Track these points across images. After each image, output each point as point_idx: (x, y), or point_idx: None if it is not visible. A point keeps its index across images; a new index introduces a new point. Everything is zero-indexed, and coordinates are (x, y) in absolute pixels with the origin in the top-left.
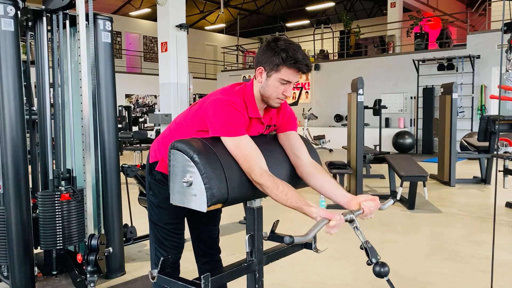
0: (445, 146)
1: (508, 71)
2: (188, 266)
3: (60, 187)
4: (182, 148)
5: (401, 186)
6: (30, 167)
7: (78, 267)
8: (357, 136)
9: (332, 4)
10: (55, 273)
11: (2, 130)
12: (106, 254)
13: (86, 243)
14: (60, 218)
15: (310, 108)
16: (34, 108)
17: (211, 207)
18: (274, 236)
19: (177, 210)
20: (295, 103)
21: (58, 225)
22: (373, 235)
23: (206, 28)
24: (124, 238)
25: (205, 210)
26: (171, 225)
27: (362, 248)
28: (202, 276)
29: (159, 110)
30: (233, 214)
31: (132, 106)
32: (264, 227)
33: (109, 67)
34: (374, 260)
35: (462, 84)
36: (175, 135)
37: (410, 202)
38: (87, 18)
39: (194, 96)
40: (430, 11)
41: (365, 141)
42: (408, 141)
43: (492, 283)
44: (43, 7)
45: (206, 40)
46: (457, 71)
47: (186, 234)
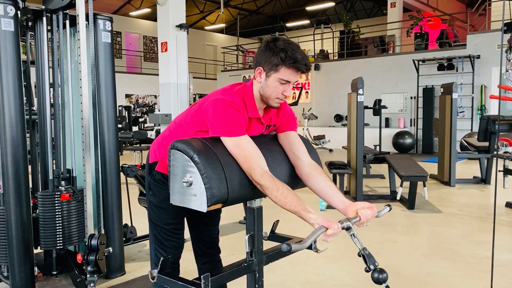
0: (445, 146)
1: (508, 71)
2: (188, 266)
3: (60, 187)
4: (182, 148)
5: (401, 186)
6: (30, 167)
7: (78, 267)
8: (357, 136)
9: (332, 4)
10: (55, 273)
11: (2, 130)
12: (106, 254)
13: (86, 243)
14: (60, 218)
15: (310, 108)
16: (34, 108)
17: (211, 207)
18: (274, 236)
19: (177, 210)
20: (295, 103)
21: (58, 225)
22: (373, 235)
23: (206, 28)
24: (124, 238)
25: (205, 210)
26: (171, 225)
27: (359, 255)
28: (202, 276)
29: (159, 110)
30: (233, 214)
31: (132, 106)
32: (264, 227)
33: (109, 67)
34: (372, 266)
35: (462, 84)
36: (175, 135)
37: (410, 202)
38: (87, 18)
39: (194, 96)
40: (430, 11)
41: (365, 141)
42: (408, 141)
43: (492, 283)
44: (43, 7)
45: (206, 40)
46: (457, 71)
47: (186, 234)
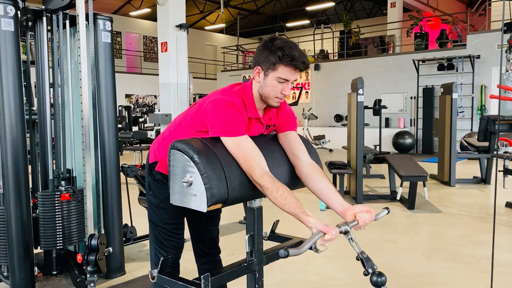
0: (445, 146)
1: (508, 71)
2: (188, 266)
3: (60, 187)
4: (182, 148)
5: (401, 186)
6: (30, 167)
7: (78, 267)
8: (357, 136)
9: (332, 4)
10: (55, 273)
11: (2, 130)
12: (106, 254)
13: (86, 243)
14: (60, 218)
15: (310, 108)
16: (34, 108)
17: (211, 207)
18: (274, 236)
19: (177, 210)
20: (295, 103)
21: (58, 225)
22: (373, 235)
23: (206, 28)
24: (124, 238)
25: (205, 210)
26: (171, 225)
27: (358, 259)
28: (202, 276)
29: (159, 110)
30: (233, 214)
31: (132, 106)
32: (264, 227)
33: (109, 67)
34: (370, 270)
35: (462, 84)
36: (175, 136)
37: (410, 202)
38: (87, 18)
39: (194, 96)
40: (430, 11)
41: (365, 141)
42: (408, 141)
43: (492, 283)
44: (43, 7)
45: (206, 40)
46: (457, 71)
47: (186, 234)
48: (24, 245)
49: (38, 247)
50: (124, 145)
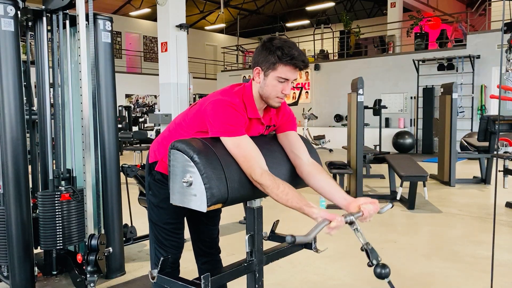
0: (445, 146)
1: (508, 71)
2: (188, 266)
3: (60, 187)
4: (182, 148)
5: (401, 186)
6: (30, 167)
7: (78, 267)
8: (357, 136)
9: (332, 4)
10: (55, 273)
11: (2, 130)
12: (106, 254)
13: (86, 243)
14: (60, 218)
15: (310, 108)
16: (34, 108)
17: (211, 207)
18: (274, 236)
19: (176, 210)
20: (295, 103)
21: (58, 225)
22: (373, 235)
23: (206, 28)
24: (124, 238)
25: (205, 210)
26: (171, 225)
27: (362, 249)
28: (202, 276)
29: (159, 110)
30: (233, 214)
31: (132, 106)
32: (264, 227)
33: (109, 67)
34: (374, 261)
35: (462, 84)
36: (175, 136)
37: (410, 202)
38: (87, 18)
39: (194, 96)
40: (430, 11)
41: (365, 141)
42: (408, 141)
43: (492, 283)
44: (43, 7)
45: (206, 40)
46: (457, 71)
47: (186, 234)
48: (24, 245)
49: (38, 247)
50: (124, 145)
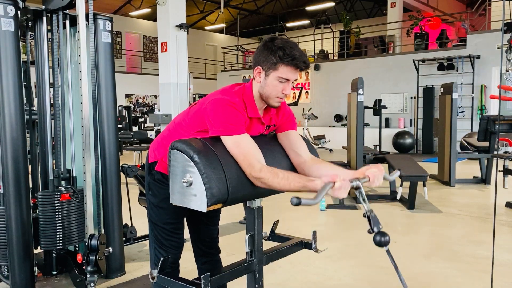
0: (445, 146)
1: (508, 71)
2: (188, 266)
3: (60, 187)
4: (182, 148)
5: (401, 186)
6: (30, 167)
7: (78, 267)
8: (357, 136)
9: (332, 4)
10: (55, 273)
11: (2, 130)
12: (106, 254)
13: (86, 243)
14: (60, 218)
15: (310, 108)
16: (34, 108)
17: (211, 207)
18: (274, 236)
19: (176, 210)
20: (295, 103)
21: (58, 225)
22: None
23: (206, 28)
24: (124, 238)
25: (205, 210)
26: (171, 225)
27: (365, 216)
28: (202, 276)
29: (159, 110)
30: (233, 214)
31: (132, 106)
32: (264, 227)
33: (109, 67)
34: (376, 229)
35: (462, 84)
36: (175, 135)
37: (410, 202)
38: (87, 18)
39: (194, 96)
40: (430, 11)
41: (365, 141)
42: (408, 141)
43: (492, 283)
44: (43, 7)
45: (206, 40)
46: (457, 71)
47: (186, 234)
48: (24, 245)
49: (38, 247)
50: (124, 145)
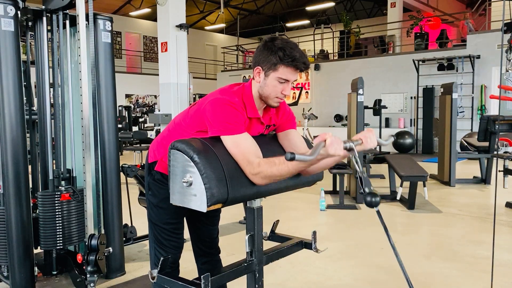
0: (445, 146)
1: (508, 71)
2: (188, 266)
3: (60, 187)
4: (182, 148)
5: (401, 186)
6: (30, 167)
7: (78, 267)
8: None
9: (332, 4)
10: (55, 273)
11: (2, 130)
12: (106, 254)
13: (86, 243)
14: (60, 218)
15: (310, 108)
16: (34, 108)
17: (211, 207)
18: (274, 236)
19: (176, 210)
20: (295, 103)
21: (58, 225)
22: (373, 235)
23: (206, 28)
24: (124, 238)
25: (205, 210)
26: (171, 225)
27: (356, 177)
28: (202, 276)
29: (159, 110)
30: (233, 214)
31: (132, 106)
32: (264, 227)
33: (109, 67)
34: (367, 189)
35: (462, 84)
36: (174, 135)
37: (410, 202)
38: (87, 18)
39: (194, 96)
40: (430, 11)
41: None
42: (408, 141)
43: (492, 283)
44: (43, 7)
45: (206, 40)
46: (457, 71)
47: (186, 234)
48: (24, 245)
49: (38, 247)
50: (124, 145)
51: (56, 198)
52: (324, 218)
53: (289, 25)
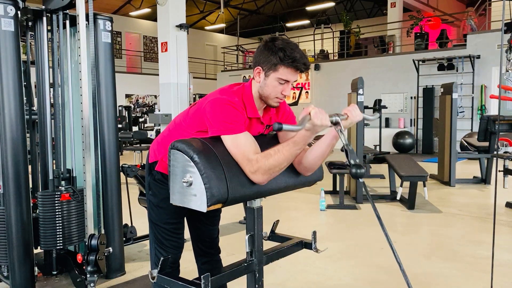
0: (445, 146)
1: (508, 71)
2: (188, 266)
3: (60, 187)
4: (182, 148)
5: (401, 186)
6: (30, 167)
7: (78, 267)
8: (357, 136)
9: (332, 4)
10: (55, 273)
11: (2, 130)
12: (106, 254)
13: (86, 243)
14: (60, 218)
15: None
16: (34, 108)
17: (211, 207)
18: (274, 236)
19: (176, 210)
20: (295, 103)
21: (58, 225)
22: (373, 235)
23: (206, 28)
24: (124, 238)
25: (205, 210)
26: (171, 225)
27: (342, 150)
28: (202, 276)
29: (159, 110)
30: (233, 214)
31: (132, 106)
32: (264, 227)
33: (109, 67)
34: (352, 161)
35: (462, 84)
36: (175, 135)
37: (410, 202)
38: (87, 18)
39: (194, 96)
40: (430, 11)
41: (365, 141)
42: (408, 141)
43: (492, 283)
44: (43, 7)
45: (206, 40)
46: (457, 71)
47: (186, 234)
48: (24, 245)
49: (38, 247)
50: (124, 145)
51: (56, 198)
52: (324, 218)
53: (289, 25)
